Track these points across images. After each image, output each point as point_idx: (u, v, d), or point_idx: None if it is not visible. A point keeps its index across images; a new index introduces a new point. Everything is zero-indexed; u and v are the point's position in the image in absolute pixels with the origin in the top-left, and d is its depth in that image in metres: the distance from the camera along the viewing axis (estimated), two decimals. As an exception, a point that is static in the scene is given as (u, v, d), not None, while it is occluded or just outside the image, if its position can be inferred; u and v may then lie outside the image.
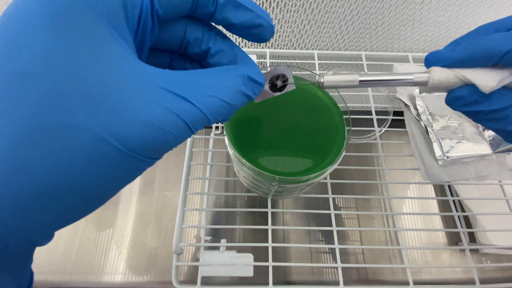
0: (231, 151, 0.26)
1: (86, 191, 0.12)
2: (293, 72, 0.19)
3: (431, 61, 0.17)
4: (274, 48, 0.48)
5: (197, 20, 0.16)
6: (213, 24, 0.16)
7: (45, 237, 0.13)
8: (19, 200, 0.11)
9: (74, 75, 0.11)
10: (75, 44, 0.11)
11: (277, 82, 0.18)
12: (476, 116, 0.18)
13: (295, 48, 0.48)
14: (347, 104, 0.28)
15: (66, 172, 0.11)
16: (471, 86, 0.16)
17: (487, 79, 0.16)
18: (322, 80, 0.19)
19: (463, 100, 0.17)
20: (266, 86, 0.18)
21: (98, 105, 0.11)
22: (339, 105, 0.29)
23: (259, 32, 0.16)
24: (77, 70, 0.11)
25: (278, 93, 0.19)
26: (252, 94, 0.15)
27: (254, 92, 0.16)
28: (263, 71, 0.17)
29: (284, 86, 0.19)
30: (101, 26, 0.12)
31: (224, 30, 0.17)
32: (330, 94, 0.29)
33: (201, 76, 0.14)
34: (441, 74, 0.17)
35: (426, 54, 0.52)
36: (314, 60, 0.46)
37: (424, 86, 0.17)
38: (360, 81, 0.18)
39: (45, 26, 0.11)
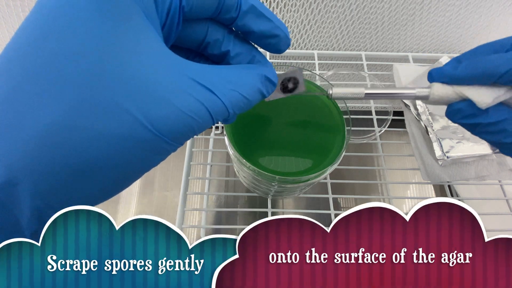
0: (231, 151, 0.26)
1: (117, 170, 0.13)
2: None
3: (434, 76, 0.18)
4: (274, 48, 0.48)
5: (219, 23, 0.17)
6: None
7: None
8: (57, 174, 0.12)
9: (118, 57, 0.12)
10: (120, 29, 0.12)
11: (288, 84, 0.19)
12: (475, 129, 0.19)
13: (295, 48, 0.48)
14: (347, 104, 0.28)
15: (102, 150, 0.12)
16: (469, 101, 0.17)
17: (483, 96, 0.17)
18: (331, 92, 0.20)
19: (462, 113, 0.18)
20: (278, 87, 0.19)
21: (137, 89, 0.12)
22: (339, 105, 0.29)
23: (275, 42, 0.17)
24: (121, 54, 0.12)
25: (288, 94, 0.20)
26: (266, 92, 0.16)
27: (268, 91, 0.16)
28: (277, 72, 0.18)
29: (294, 88, 0.19)
30: (139, 16, 0.12)
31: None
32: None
33: (224, 71, 0.15)
34: (441, 90, 0.18)
35: (426, 54, 0.52)
36: (314, 60, 0.46)
37: (426, 100, 0.19)
38: (366, 94, 0.19)
39: (93, 12, 0.12)
